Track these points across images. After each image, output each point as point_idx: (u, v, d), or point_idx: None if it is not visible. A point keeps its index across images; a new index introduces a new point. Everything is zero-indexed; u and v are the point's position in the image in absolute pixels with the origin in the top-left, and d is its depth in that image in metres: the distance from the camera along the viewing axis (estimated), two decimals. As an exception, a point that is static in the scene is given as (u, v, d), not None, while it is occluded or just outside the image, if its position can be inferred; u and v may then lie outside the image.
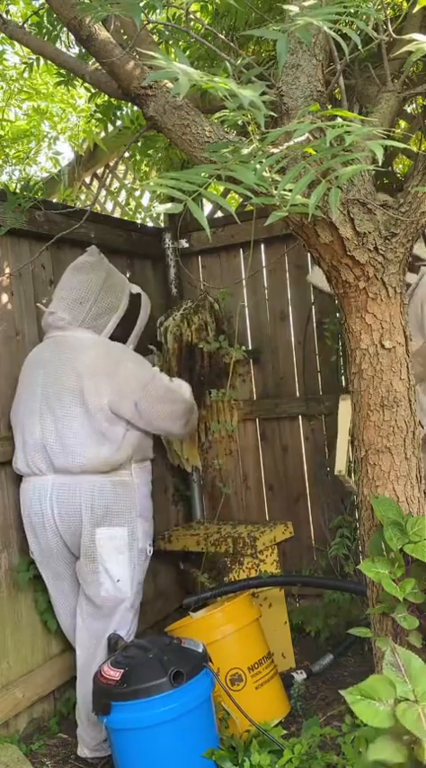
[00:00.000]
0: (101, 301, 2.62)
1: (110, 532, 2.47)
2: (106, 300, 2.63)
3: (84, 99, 4.89)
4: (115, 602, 2.49)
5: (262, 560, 2.97)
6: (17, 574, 2.60)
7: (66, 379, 2.49)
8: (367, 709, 1.23)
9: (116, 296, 2.67)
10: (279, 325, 3.53)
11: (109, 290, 2.65)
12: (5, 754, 2.35)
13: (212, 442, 3.61)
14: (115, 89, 1.96)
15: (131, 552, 2.51)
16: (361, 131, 1.29)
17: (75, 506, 2.46)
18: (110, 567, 2.46)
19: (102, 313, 2.63)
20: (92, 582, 2.48)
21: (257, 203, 1.39)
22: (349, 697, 1.26)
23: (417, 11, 2.00)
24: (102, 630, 2.50)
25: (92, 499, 2.46)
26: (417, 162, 1.83)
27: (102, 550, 2.46)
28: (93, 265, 2.68)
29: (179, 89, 1.24)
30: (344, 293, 1.82)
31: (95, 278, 2.64)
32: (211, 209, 3.84)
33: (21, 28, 2.24)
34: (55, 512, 2.47)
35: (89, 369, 2.49)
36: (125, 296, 2.70)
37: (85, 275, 2.64)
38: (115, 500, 2.49)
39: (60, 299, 2.63)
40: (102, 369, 2.51)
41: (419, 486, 1.86)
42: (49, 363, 2.54)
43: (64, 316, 2.58)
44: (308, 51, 1.78)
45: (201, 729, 2.24)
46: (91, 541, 2.45)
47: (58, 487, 2.48)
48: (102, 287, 2.63)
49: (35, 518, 2.52)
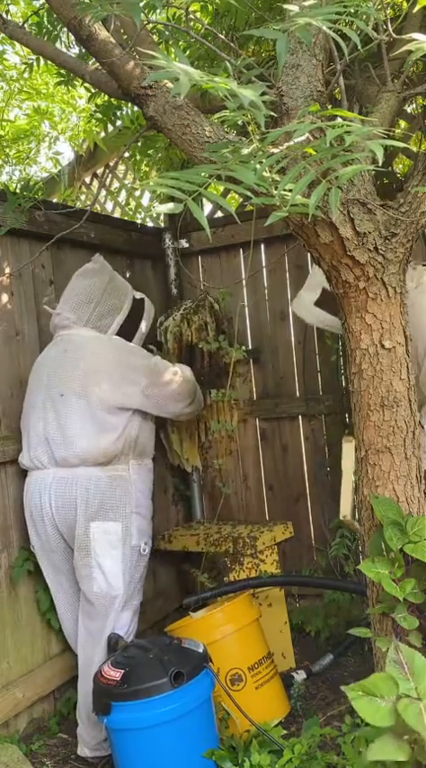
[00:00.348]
0: (104, 303, 2.72)
1: (104, 527, 2.49)
2: (109, 302, 2.73)
3: (85, 99, 4.88)
4: (107, 598, 2.49)
5: (262, 560, 2.97)
6: (13, 570, 2.60)
7: (68, 373, 2.56)
8: (368, 707, 1.23)
9: (119, 298, 2.77)
10: (279, 325, 3.53)
11: (112, 291, 2.75)
12: (5, 754, 2.35)
13: (212, 441, 3.61)
14: (115, 89, 1.96)
15: (124, 548, 2.53)
16: (361, 131, 1.29)
17: (70, 499, 2.49)
18: (103, 562, 2.48)
19: (106, 314, 2.72)
20: (85, 576, 2.50)
21: (257, 203, 1.39)
22: (350, 693, 1.25)
23: (417, 11, 2.00)
24: (99, 629, 2.50)
25: (87, 492, 2.49)
26: (417, 162, 1.83)
27: (96, 544, 2.48)
28: (96, 270, 2.79)
29: (179, 89, 1.24)
30: (344, 293, 1.82)
31: (99, 281, 2.75)
32: (211, 209, 3.84)
33: (21, 28, 2.24)
34: (52, 504, 2.51)
35: (92, 363, 2.57)
36: (128, 299, 2.80)
37: (89, 279, 2.75)
38: (110, 494, 2.52)
39: (66, 300, 2.73)
40: (104, 362, 2.59)
41: (419, 486, 1.86)
42: (54, 360, 2.63)
43: (69, 315, 2.69)
44: (308, 51, 1.78)
45: (201, 729, 2.24)
46: (85, 535, 2.48)
47: (57, 481, 2.52)
48: (105, 289, 2.74)
49: (35, 511, 2.55)
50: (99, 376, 2.55)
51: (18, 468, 2.67)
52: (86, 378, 2.53)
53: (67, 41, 2.85)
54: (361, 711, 1.22)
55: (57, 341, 2.70)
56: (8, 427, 2.67)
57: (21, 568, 2.61)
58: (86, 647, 2.54)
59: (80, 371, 2.55)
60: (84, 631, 2.55)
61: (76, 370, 2.55)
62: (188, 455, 3.46)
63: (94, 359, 2.59)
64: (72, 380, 2.54)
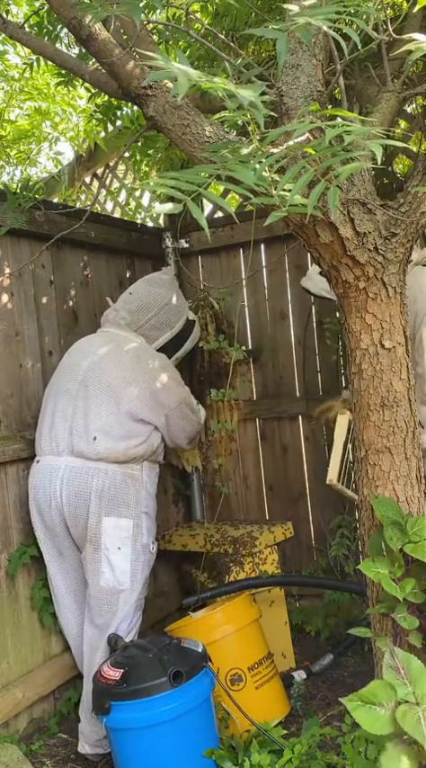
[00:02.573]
0: (162, 316, 2.84)
1: (117, 522, 2.51)
2: (166, 317, 2.85)
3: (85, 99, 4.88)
4: (113, 593, 2.50)
5: (262, 560, 2.97)
6: (8, 562, 2.60)
7: (107, 372, 2.61)
8: (367, 715, 1.23)
9: (175, 316, 2.88)
10: (279, 325, 3.53)
11: (171, 308, 2.87)
12: (5, 754, 2.35)
13: (212, 441, 3.61)
14: (115, 89, 1.96)
15: (135, 545, 2.55)
16: (361, 131, 1.29)
17: (85, 490, 2.50)
18: (112, 557, 2.50)
19: (159, 326, 2.83)
20: (92, 570, 2.51)
21: (257, 203, 1.39)
22: (349, 704, 1.25)
23: (417, 11, 2.00)
24: (106, 624, 2.51)
25: (102, 486, 2.51)
26: (417, 162, 1.83)
27: (107, 540, 2.50)
28: (165, 282, 2.93)
29: (178, 89, 1.24)
30: (344, 293, 1.82)
31: (165, 294, 2.87)
32: (211, 209, 3.84)
33: (21, 28, 2.24)
34: (63, 493, 2.52)
35: (132, 372, 2.63)
36: (182, 319, 2.92)
37: (157, 288, 2.87)
38: (125, 491, 2.55)
39: (127, 301, 2.85)
40: (142, 374, 2.64)
41: (419, 486, 1.86)
42: (96, 354, 2.67)
43: (125, 316, 2.80)
44: (308, 51, 1.78)
45: (201, 729, 2.24)
46: (97, 528, 2.50)
47: (70, 470, 2.53)
48: (167, 303, 2.86)
49: (41, 494, 2.55)
50: (135, 385, 2.60)
51: (18, 468, 2.67)
52: (123, 382, 2.59)
53: (68, 42, 2.85)
54: (361, 721, 1.22)
55: (104, 335, 2.79)
56: (8, 427, 2.67)
57: (18, 561, 2.60)
58: (92, 641, 2.55)
59: (119, 373, 2.60)
60: (90, 626, 2.56)
61: (117, 371, 2.61)
62: (188, 455, 3.46)
63: (136, 367, 2.65)
64: (110, 379, 2.59)
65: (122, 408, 2.56)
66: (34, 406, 2.78)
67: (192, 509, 3.67)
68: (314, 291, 2.81)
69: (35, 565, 2.68)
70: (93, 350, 2.69)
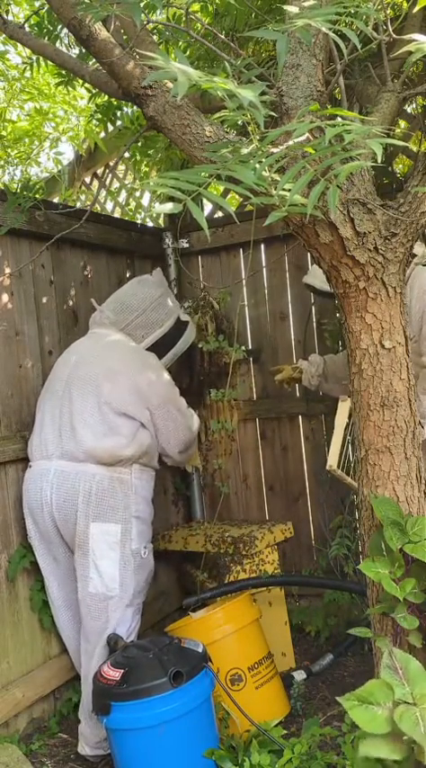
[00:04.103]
0: (148, 315, 2.80)
1: (104, 527, 2.49)
2: (153, 316, 2.81)
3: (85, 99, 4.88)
4: (102, 599, 2.49)
5: (262, 560, 2.97)
6: (10, 564, 2.60)
7: (91, 369, 2.61)
8: (364, 715, 1.23)
9: (164, 315, 2.84)
10: (279, 325, 3.53)
11: (158, 307, 2.83)
12: (5, 754, 2.35)
13: (212, 442, 3.61)
14: (115, 89, 1.96)
15: (123, 551, 2.52)
16: (361, 130, 1.29)
17: (73, 494, 2.49)
18: (99, 563, 2.49)
19: (145, 326, 2.80)
20: (82, 576, 2.51)
21: (257, 203, 1.39)
22: (346, 704, 1.26)
23: (417, 11, 2.00)
24: (99, 629, 2.50)
25: (89, 491, 2.49)
26: (417, 162, 1.83)
27: (95, 545, 2.49)
28: (151, 283, 2.89)
29: (178, 89, 1.24)
30: (344, 293, 1.82)
31: (151, 292, 2.84)
32: (211, 209, 3.84)
33: (21, 28, 2.24)
34: (53, 497, 2.51)
35: (114, 365, 2.63)
36: (172, 318, 2.86)
37: (143, 288, 2.85)
38: (112, 495, 2.52)
39: (113, 300, 2.85)
40: (124, 367, 2.64)
41: (419, 486, 1.86)
42: (81, 353, 2.70)
43: (109, 315, 2.80)
44: (308, 51, 1.78)
45: (201, 729, 2.24)
46: (84, 534, 2.49)
47: (59, 475, 2.52)
48: (153, 302, 2.82)
49: (34, 501, 2.56)
50: (117, 376, 2.60)
51: (18, 468, 2.67)
52: (103, 375, 2.59)
53: (68, 42, 2.85)
54: (358, 720, 1.22)
55: (89, 335, 2.81)
56: (8, 427, 2.67)
57: (18, 564, 2.60)
58: (87, 650, 2.54)
59: (101, 369, 2.60)
60: (86, 630, 2.55)
61: (99, 367, 2.61)
62: (188, 455, 3.46)
63: (117, 361, 2.65)
64: (91, 374, 2.59)
65: (102, 399, 2.54)
66: (34, 406, 2.78)
67: (192, 509, 3.67)
68: (317, 287, 2.79)
69: (34, 566, 2.67)
70: (78, 351, 2.72)
